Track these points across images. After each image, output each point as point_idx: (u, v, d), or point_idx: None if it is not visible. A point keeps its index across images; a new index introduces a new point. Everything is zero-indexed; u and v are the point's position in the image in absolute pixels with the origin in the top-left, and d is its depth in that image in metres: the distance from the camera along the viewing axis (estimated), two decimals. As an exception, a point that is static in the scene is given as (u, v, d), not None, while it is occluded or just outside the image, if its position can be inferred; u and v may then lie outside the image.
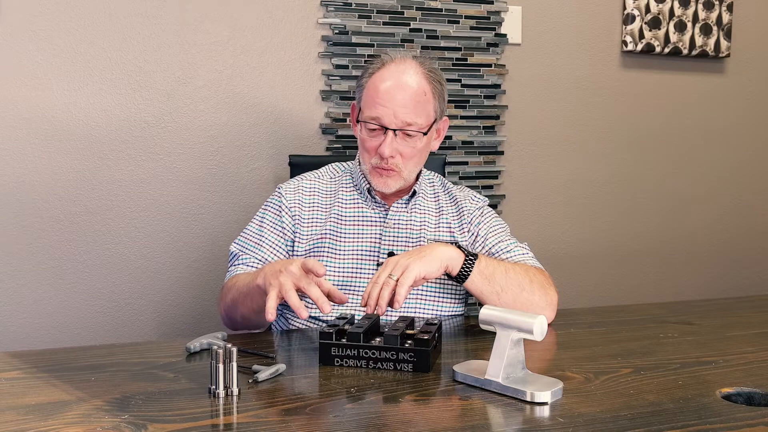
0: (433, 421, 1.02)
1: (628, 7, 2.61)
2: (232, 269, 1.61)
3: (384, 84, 1.58)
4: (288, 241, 1.63)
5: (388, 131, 1.57)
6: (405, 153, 1.59)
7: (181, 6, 2.13)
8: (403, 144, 1.58)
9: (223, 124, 2.21)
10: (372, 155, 1.60)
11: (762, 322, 1.60)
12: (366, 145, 1.61)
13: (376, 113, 1.57)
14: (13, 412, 1.02)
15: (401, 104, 1.56)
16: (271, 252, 1.62)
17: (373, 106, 1.57)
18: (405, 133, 1.58)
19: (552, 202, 2.62)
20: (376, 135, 1.59)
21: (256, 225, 1.66)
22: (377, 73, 1.60)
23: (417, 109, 1.57)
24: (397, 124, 1.56)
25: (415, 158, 1.62)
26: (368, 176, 1.63)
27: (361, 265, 1.61)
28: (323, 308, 1.27)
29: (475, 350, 1.40)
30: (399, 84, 1.57)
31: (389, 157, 1.57)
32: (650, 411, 1.04)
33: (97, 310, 2.14)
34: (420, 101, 1.58)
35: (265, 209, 1.68)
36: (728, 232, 2.88)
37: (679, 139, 2.78)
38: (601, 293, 2.70)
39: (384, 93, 1.57)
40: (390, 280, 1.35)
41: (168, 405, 1.05)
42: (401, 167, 1.60)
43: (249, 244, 1.63)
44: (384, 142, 1.57)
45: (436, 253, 1.42)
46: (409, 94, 1.57)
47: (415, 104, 1.57)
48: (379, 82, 1.58)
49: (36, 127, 2.04)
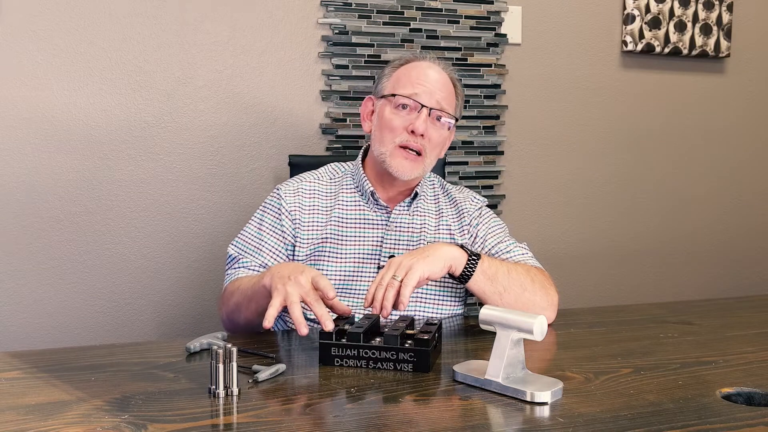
0: (433, 421, 1.02)
1: (628, 7, 2.61)
2: (232, 272, 1.59)
3: (421, 69, 1.64)
4: (288, 245, 1.61)
5: (423, 109, 1.60)
6: (432, 138, 1.61)
7: (181, 6, 2.13)
8: (432, 127, 1.61)
9: (223, 124, 2.21)
10: (398, 133, 1.60)
11: (762, 322, 1.60)
12: (393, 123, 1.61)
13: (413, 90, 1.61)
14: (13, 412, 1.02)
15: (438, 87, 1.63)
16: (271, 256, 1.60)
17: (411, 85, 1.62)
18: (436, 118, 1.62)
19: (552, 202, 2.62)
20: (409, 113, 1.61)
21: (255, 227, 1.64)
22: (408, 64, 1.67)
23: (449, 97, 1.65)
24: (432, 103, 1.61)
25: (437, 148, 1.65)
26: (388, 159, 1.60)
27: (362, 268, 1.60)
28: (326, 326, 1.25)
29: (475, 350, 1.40)
30: (435, 71, 1.65)
31: (420, 136, 1.59)
32: (650, 411, 1.04)
33: (97, 310, 2.14)
34: (451, 92, 1.66)
35: (264, 211, 1.65)
36: (728, 232, 2.88)
37: (679, 139, 2.78)
38: (601, 293, 2.70)
39: (423, 75, 1.63)
40: (394, 281, 1.35)
41: (168, 405, 1.05)
42: (427, 151, 1.61)
43: (248, 248, 1.61)
44: (418, 118, 1.59)
45: (440, 253, 1.42)
46: (444, 82, 1.65)
47: (448, 92, 1.65)
48: (412, 69, 1.65)
49: (36, 127, 2.04)
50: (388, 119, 1.61)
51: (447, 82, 1.65)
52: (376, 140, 1.65)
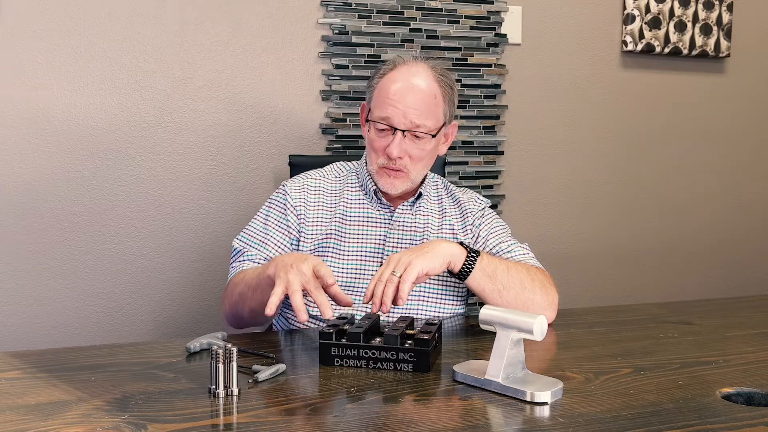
0: (433, 421, 1.02)
1: (628, 7, 2.61)
2: (237, 265, 1.60)
3: (395, 85, 1.59)
4: (293, 240, 1.63)
5: (397, 132, 1.57)
6: (413, 155, 1.60)
7: (181, 6, 2.13)
8: (411, 146, 1.59)
9: (223, 124, 2.21)
10: (380, 155, 1.60)
11: (762, 322, 1.60)
12: (374, 145, 1.61)
13: (385, 113, 1.58)
14: (13, 412, 1.02)
15: (411, 105, 1.57)
16: (275, 250, 1.61)
17: (383, 107, 1.58)
18: (414, 135, 1.58)
19: (552, 202, 2.62)
20: (385, 135, 1.59)
21: (260, 222, 1.65)
22: (389, 74, 1.61)
23: (427, 112, 1.58)
24: (406, 125, 1.57)
25: (423, 161, 1.62)
26: (375, 177, 1.63)
27: (364, 266, 1.61)
28: (325, 313, 1.26)
29: (475, 350, 1.40)
30: (410, 86, 1.58)
31: (397, 158, 1.58)
32: (650, 411, 1.04)
33: (97, 310, 2.14)
34: (430, 104, 1.59)
35: (270, 206, 1.67)
36: (728, 232, 2.88)
37: (679, 139, 2.78)
38: (601, 293, 2.70)
39: (394, 94, 1.58)
40: (393, 277, 1.35)
41: (168, 405, 1.05)
42: (409, 168, 1.60)
43: (253, 241, 1.63)
44: (392, 142, 1.57)
45: (439, 250, 1.43)
46: (419, 96, 1.58)
47: (425, 106, 1.58)
48: (390, 83, 1.60)
49: (36, 127, 2.04)
50: (370, 140, 1.63)
51: (426, 94, 1.58)
52: (367, 154, 1.67)
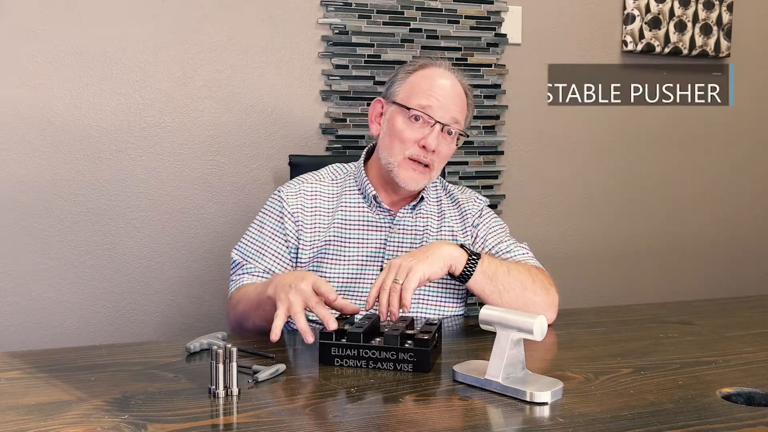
0: (433, 421, 1.02)
1: (628, 7, 2.61)
2: (237, 278, 1.58)
3: (437, 79, 1.61)
4: (292, 248, 1.60)
5: (437, 124, 1.58)
6: (443, 152, 1.61)
7: (181, 6, 2.13)
8: (443, 142, 1.60)
9: (223, 124, 2.21)
10: (409, 146, 1.59)
11: (762, 322, 1.60)
12: (405, 134, 1.59)
13: (428, 102, 1.58)
14: (13, 412, 1.02)
15: (453, 101, 1.60)
16: (274, 261, 1.59)
17: (425, 96, 1.59)
18: (447, 132, 1.60)
19: (552, 202, 2.62)
20: (421, 126, 1.59)
21: (256, 231, 1.63)
22: (422, 70, 1.63)
23: (462, 111, 1.63)
24: (446, 119, 1.59)
25: (445, 160, 1.65)
26: (395, 169, 1.60)
27: (364, 271, 1.60)
28: (329, 326, 1.25)
29: (475, 350, 1.40)
30: (451, 83, 1.62)
31: (431, 151, 1.58)
32: (650, 411, 1.04)
33: (97, 310, 2.14)
34: (464, 105, 1.64)
35: (265, 214, 1.64)
36: (728, 231, 2.88)
37: (679, 139, 2.78)
38: (601, 293, 2.70)
39: (438, 86, 1.60)
40: (395, 285, 1.35)
41: (168, 405, 1.05)
42: (435, 164, 1.61)
43: (251, 253, 1.60)
44: (431, 134, 1.58)
45: (439, 253, 1.42)
46: (458, 94, 1.62)
47: (462, 105, 1.63)
48: (428, 78, 1.61)
49: (36, 127, 2.04)
50: (399, 130, 1.59)
51: (461, 94, 1.63)
52: (384, 147, 1.63)
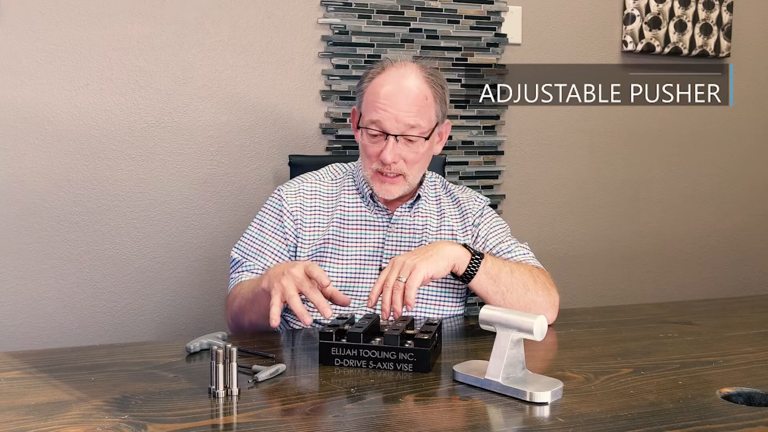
0: (433, 421, 1.02)
1: (628, 7, 2.61)
2: (236, 276, 1.59)
3: (384, 88, 1.55)
4: (291, 246, 1.61)
5: (390, 137, 1.54)
6: (408, 158, 1.57)
7: (181, 6, 2.13)
8: (405, 149, 1.56)
9: (223, 124, 2.21)
10: (373, 161, 1.58)
11: (762, 322, 1.60)
12: (367, 150, 1.58)
13: (377, 117, 1.55)
14: (13, 412, 1.02)
15: (402, 109, 1.54)
16: (273, 258, 1.60)
17: (374, 111, 1.55)
18: (407, 138, 1.55)
19: (552, 202, 2.62)
20: (378, 141, 1.56)
21: (256, 230, 1.64)
22: (377, 77, 1.58)
23: (418, 114, 1.55)
24: (398, 129, 1.54)
25: (419, 163, 1.59)
26: (370, 182, 1.61)
27: (363, 270, 1.60)
28: (324, 312, 1.27)
29: (475, 350, 1.40)
30: (400, 88, 1.55)
31: (391, 164, 1.55)
32: (650, 411, 1.04)
33: (97, 310, 2.14)
34: (421, 105, 1.56)
35: (265, 213, 1.65)
36: (728, 231, 2.88)
37: (679, 139, 2.78)
38: (601, 293, 2.70)
39: (384, 98, 1.54)
40: (399, 282, 1.35)
41: (168, 405, 1.05)
42: (405, 172, 1.58)
43: (250, 251, 1.61)
44: (386, 148, 1.54)
45: (443, 253, 1.41)
46: (410, 99, 1.55)
47: (416, 109, 1.55)
48: (380, 86, 1.56)
49: (36, 127, 2.04)
50: (363, 145, 1.60)
51: (417, 95, 1.55)
52: (360, 159, 1.64)
